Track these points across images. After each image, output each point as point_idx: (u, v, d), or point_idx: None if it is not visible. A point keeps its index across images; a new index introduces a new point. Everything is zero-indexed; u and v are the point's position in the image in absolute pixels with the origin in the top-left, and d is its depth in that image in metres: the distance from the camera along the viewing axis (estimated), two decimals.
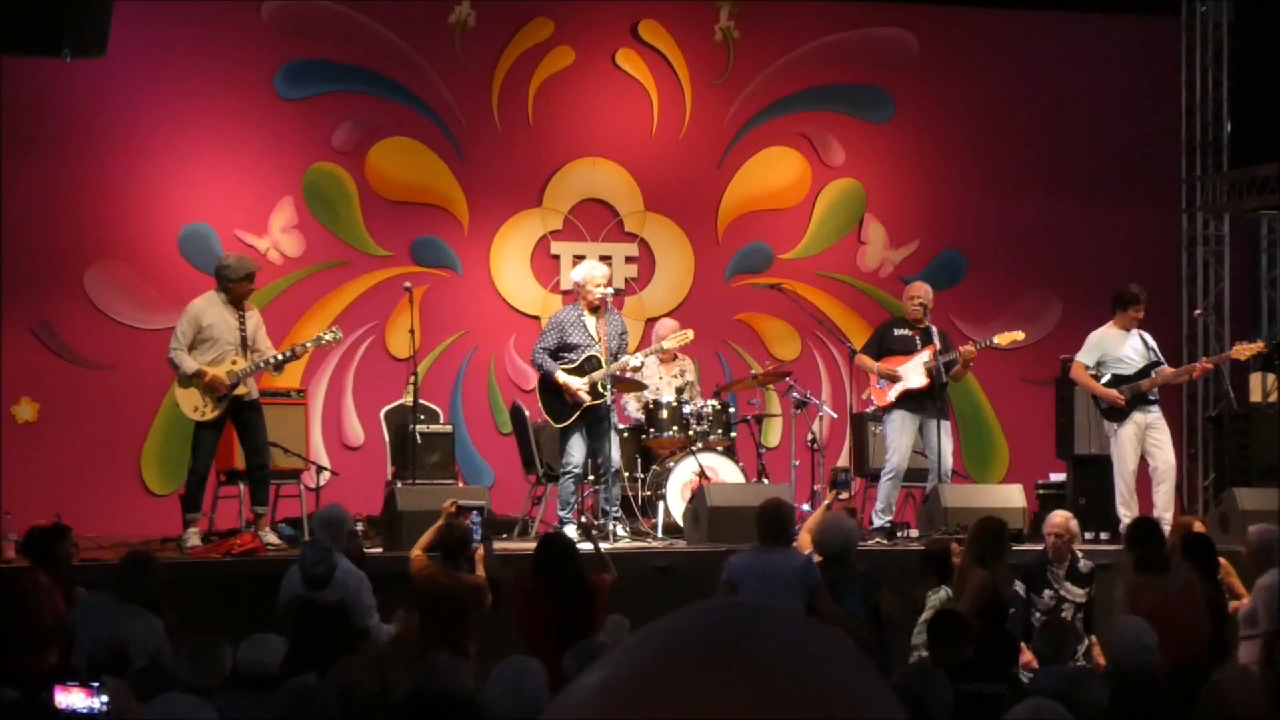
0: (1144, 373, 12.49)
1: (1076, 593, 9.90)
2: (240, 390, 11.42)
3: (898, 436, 12.60)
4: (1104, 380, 12.53)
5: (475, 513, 9.62)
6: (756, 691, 1.10)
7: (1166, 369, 12.65)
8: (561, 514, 12.07)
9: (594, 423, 12.05)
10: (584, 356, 12.03)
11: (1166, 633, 8.44)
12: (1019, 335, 13.06)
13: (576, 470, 12.05)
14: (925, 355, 12.59)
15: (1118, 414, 12.50)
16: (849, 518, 10.34)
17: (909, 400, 12.55)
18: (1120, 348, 12.57)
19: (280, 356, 11.65)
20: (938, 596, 9.49)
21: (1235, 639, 9.27)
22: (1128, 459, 12.47)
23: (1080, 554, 10.14)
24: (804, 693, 1.11)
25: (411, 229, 14.67)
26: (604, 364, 12.05)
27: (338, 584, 8.83)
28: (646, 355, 12.80)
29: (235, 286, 11.49)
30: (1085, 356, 12.66)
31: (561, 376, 11.97)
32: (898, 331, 12.82)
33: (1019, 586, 9.91)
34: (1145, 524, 9.98)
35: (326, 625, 7.41)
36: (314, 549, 9.08)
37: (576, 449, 12.03)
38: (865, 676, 1.14)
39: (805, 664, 1.12)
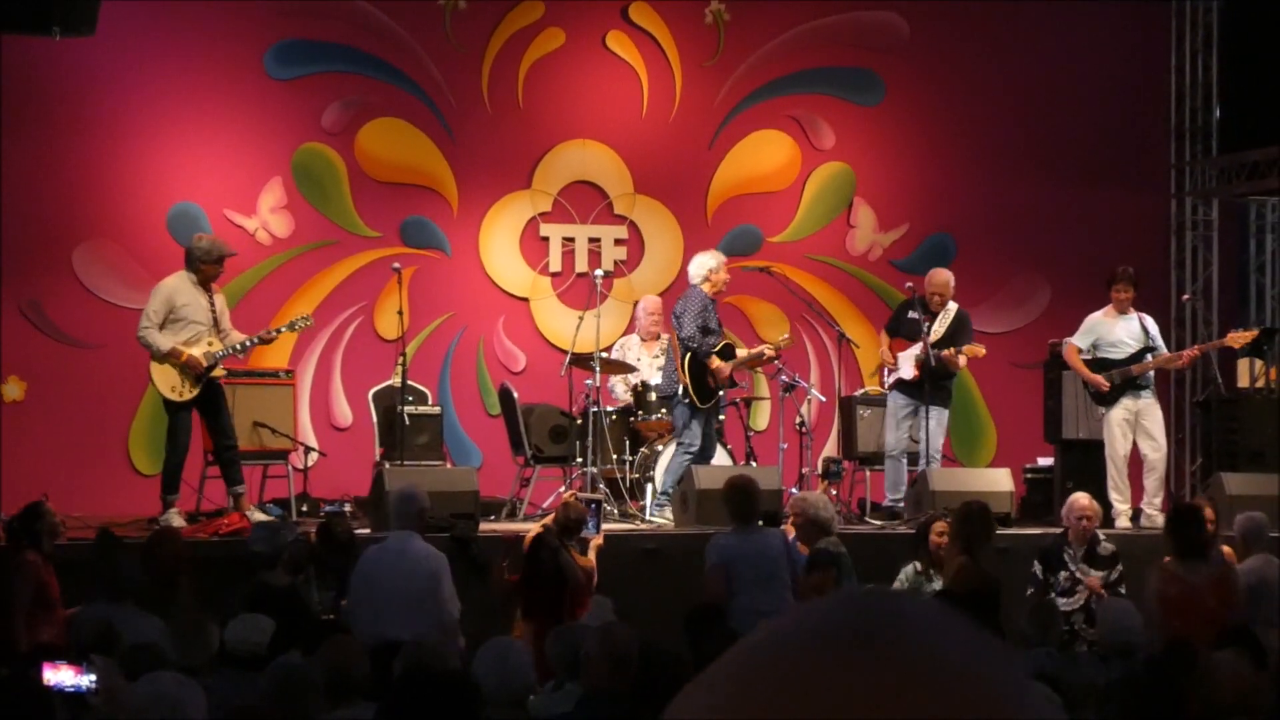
0: (1136, 358, 12.45)
1: (1093, 575, 9.86)
2: (216, 371, 11.45)
3: (890, 419, 12.83)
4: (1092, 363, 12.51)
5: (593, 505, 10.12)
6: (908, 682, 1.02)
7: (1161, 355, 12.60)
8: (671, 491, 12.14)
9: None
10: (724, 342, 12.34)
11: (1195, 620, 8.44)
12: (980, 350, 12.82)
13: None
14: (918, 347, 12.60)
15: (1105, 398, 12.47)
16: (822, 495, 10.54)
17: (903, 385, 12.68)
18: (1112, 331, 12.54)
19: (251, 341, 11.68)
20: (905, 572, 9.73)
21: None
22: (1117, 443, 12.44)
23: (1103, 536, 10.13)
24: (954, 684, 1.03)
25: (401, 210, 14.65)
26: (736, 352, 12.41)
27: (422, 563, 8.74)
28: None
29: (208, 268, 11.49)
30: (1079, 339, 12.65)
31: (717, 360, 12.17)
32: (911, 314, 12.84)
33: (1036, 567, 9.96)
34: (1186, 510, 9.68)
35: (272, 606, 7.46)
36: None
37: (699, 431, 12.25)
38: (1013, 670, 1.07)
39: (954, 654, 1.05)
